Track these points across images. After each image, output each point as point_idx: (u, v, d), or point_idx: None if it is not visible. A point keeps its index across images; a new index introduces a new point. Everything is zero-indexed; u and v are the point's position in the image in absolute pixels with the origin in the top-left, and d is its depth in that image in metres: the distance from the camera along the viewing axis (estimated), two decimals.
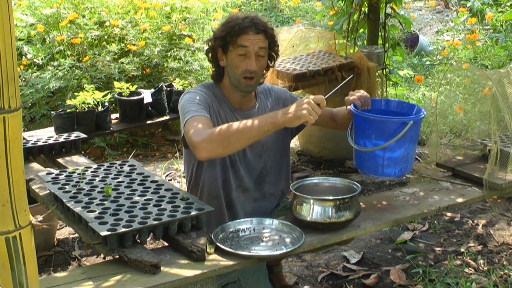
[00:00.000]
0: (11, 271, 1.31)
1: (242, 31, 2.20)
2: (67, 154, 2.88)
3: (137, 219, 1.85)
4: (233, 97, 2.34)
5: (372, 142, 2.11)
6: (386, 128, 2.08)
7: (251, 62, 2.22)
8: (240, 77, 2.25)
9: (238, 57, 2.23)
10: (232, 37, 2.21)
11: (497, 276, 2.81)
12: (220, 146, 2.00)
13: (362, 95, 2.27)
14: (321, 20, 6.38)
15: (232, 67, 2.25)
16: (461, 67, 2.99)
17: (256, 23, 2.22)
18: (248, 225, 2.04)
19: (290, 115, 1.98)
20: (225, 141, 1.99)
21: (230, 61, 2.25)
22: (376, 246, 3.21)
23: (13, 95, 1.24)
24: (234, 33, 2.20)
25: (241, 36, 2.20)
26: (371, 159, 2.12)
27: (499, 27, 5.81)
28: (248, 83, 2.26)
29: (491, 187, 2.38)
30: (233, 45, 2.22)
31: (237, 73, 2.25)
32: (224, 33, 2.24)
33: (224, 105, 2.32)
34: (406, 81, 6.06)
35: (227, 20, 2.29)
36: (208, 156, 2.04)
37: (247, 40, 2.21)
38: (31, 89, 4.29)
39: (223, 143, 1.99)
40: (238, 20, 2.23)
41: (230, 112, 2.32)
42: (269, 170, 2.44)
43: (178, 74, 4.76)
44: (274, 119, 2.01)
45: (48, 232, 3.10)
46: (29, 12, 4.86)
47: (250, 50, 2.22)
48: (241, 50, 2.21)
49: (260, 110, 2.40)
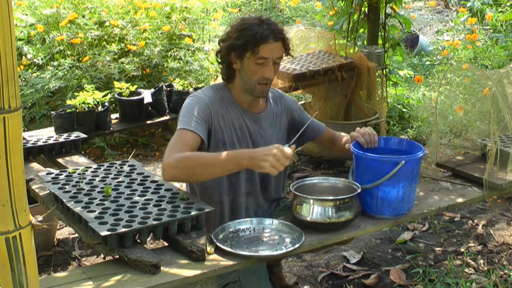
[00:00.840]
0: (11, 271, 1.31)
1: (262, 39, 2.18)
2: (67, 154, 2.88)
3: (137, 219, 1.85)
4: (243, 99, 2.33)
5: (369, 181, 2.10)
6: (380, 168, 2.06)
7: (270, 71, 2.23)
8: (256, 83, 2.25)
9: (256, 65, 2.22)
10: (253, 47, 2.18)
11: (497, 276, 2.81)
12: (183, 175, 2.04)
13: (366, 132, 2.23)
14: (321, 20, 6.39)
15: (247, 73, 2.24)
16: (461, 67, 2.99)
17: (274, 30, 2.21)
18: (248, 225, 2.04)
19: (254, 162, 1.95)
20: (189, 172, 2.01)
21: (247, 67, 2.24)
22: (376, 246, 3.21)
23: (13, 95, 1.24)
24: (255, 42, 2.18)
25: (261, 45, 2.18)
26: (367, 197, 2.12)
27: (499, 27, 5.81)
28: (264, 88, 2.27)
29: (491, 187, 2.38)
30: (253, 53, 2.20)
31: (253, 79, 2.24)
32: (242, 41, 2.20)
33: (232, 108, 2.31)
34: (406, 81, 6.06)
35: (242, 25, 2.24)
36: (171, 180, 2.09)
37: (268, 50, 2.20)
38: (31, 89, 4.29)
39: (187, 173, 2.02)
40: (255, 27, 2.19)
41: (238, 114, 2.31)
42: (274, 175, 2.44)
43: (178, 74, 4.76)
44: (239, 161, 1.98)
45: (48, 232, 3.10)
46: (29, 12, 4.86)
47: (269, 59, 2.22)
48: (260, 60, 2.21)
49: (269, 114, 2.39)
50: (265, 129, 2.38)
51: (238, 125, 2.31)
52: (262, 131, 2.37)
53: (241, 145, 2.32)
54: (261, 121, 2.37)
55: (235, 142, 2.30)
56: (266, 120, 2.39)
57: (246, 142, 2.33)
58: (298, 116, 2.48)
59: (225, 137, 2.27)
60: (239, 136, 2.31)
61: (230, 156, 1.99)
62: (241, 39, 2.21)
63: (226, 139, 2.28)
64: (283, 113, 2.45)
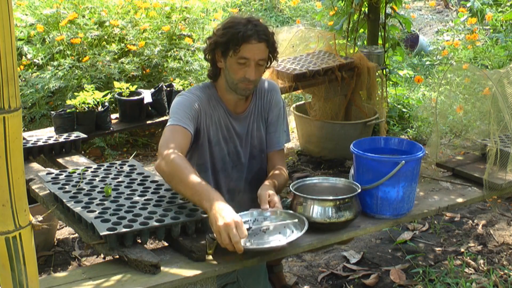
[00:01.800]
0: (11, 271, 1.31)
1: (244, 39, 2.15)
2: (67, 154, 2.88)
3: (140, 219, 1.85)
4: (228, 98, 2.32)
5: (369, 181, 2.10)
6: (380, 168, 2.06)
7: (251, 72, 2.20)
8: (238, 82, 2.23)
9: (238, 65, 2.20)
10: (234, 45, 2.17)
11: (497, 276, 2.81)
12: (165, 177, 2.03)
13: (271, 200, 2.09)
14: (321, 20, 6.39)
15: (230, 72, 2.23)
16: (461, 67, 2.99)
17: (259, 31, 2.18)
18: (248, 218, 2.00)
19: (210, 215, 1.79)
20: (169, 178, 2.01)
21: (229, 66, 2.23)
22: (376, 246, 3.21)
23: (13, 95, 1.23)
24: (236, 41, 2.16)
25: (243, 45, 2.16)
26: (367, 197, 2.12)
27: (499, 27, 5.81)
28: (247, 86, 2.24)
29: (491, 187, 2.38)
30: (235, 52, 2.18)
31: (235, 79, 2.23)
32: (225, 38, 2.19)
33: (219, 108, 2.31)
34: (406, 81, 6.06)
35: (228, 22, 2.23)
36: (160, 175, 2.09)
37: (249, 51, 2.17)
38: (31, 89, 4.29)
39: (168, 177, 2.01)
40: (240, 26, 2.17)
41: (224, 115, 2.32)
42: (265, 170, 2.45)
43: (178, 74, 4.76)
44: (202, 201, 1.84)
45: (48, 232, 3.10)
46: (29, 12, 4.86)
47: (251, 60, 2.19)
48: (241, 60, 2.19)
49: (253, 110, 2.39)
50: (250, 126, 2.38)
51: (225, 124, 2.32)
52: (248, 129, 2.38)
53: (227, 144, 2.34)
54: (246, 119, 2.37)
55: (220, 141, 2.32)
56: (251, 116, 2.38)
57: (232, 141, 2.35)
58: (270, 118, 2.42)
59: (211, 136, 2.29)
60: (225, 135, 2.33)
61: (200, 191, 1.87)
62: (224, 37, 2.20)
63: (212, 137, 2.29)
64: (265, 108, 2.41)
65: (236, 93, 2.28)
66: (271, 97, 2.42)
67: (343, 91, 4.29)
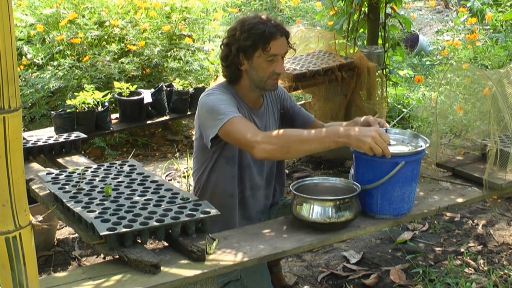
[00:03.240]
0: (11, 271, 1.31)
1: (272, 36, 2.21)
2: (67, 154, 2.88)
3: (140, 219, 1.85)
4: (249, 97, 2.36)
5: (369, 181, 2.10)
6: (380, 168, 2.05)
7: (280, 66, 2.27)
8: (267, 79, 2.28)
9: (267, 62, 2.25)
10: (264, 44, 2.21)
11: (497, 276, 2.81)
12: (279, 151, 2.04)
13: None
14: (321, 20, 6.38)
15: (258, 71, 2.26)
16: (461, 67, 2.99)
17: (278, 26, 2.25)
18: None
19: (351, 140, 1.97)
20: (285, 147, 2.02)
21: (257, 66, 2.26)
22: (376, 246, 3.21)
23: (13, 95, 1.24)
24: (265, 40, 2.21)
25: (271, 42, 2.22)
26: (367, 197, 2.11)
27: (499, 27, 5.81)
28: (275, 82, 2.32)
29: (491, 187, 2.38)
30: (265, 51, 2.22)
31: (265, 76, 2.27)
32: (251, 41, 2.22)
33: (242, 105, 2.35)
34: (406, 81, 6.06)
35: (246, 25, 2.25)
36: (265, 157, 2.08)
37: (276, 47, 2.23)
38: (31, 89, 4.29)
39: (282, 149, 2.03)
40: (261, 25, 2.22)
41: (247, 112, 2.35)
42: (278, 167, 2.52)
43: (178, 74, 4.76)
44: (336, 138, 1.99)
45: (48, 232, 3.10)
46: (29, 12, 4.86)
47: (279, 55, 2.26)
48: (270, 57, 2.24)
49: (267, 107, 2.45)
50: (268, 122, 2.44)
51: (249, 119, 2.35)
52: (266, 124, 2.43)
53: None
54: (264, 115, 2.43)
55: None
56: (267, 113, 2.45)
57: None
58: (289, 104, 2.55)
59: None
60: None
61: (326, 133, 2.01)
62: (250, 39, 2.22)
63: None
64: (275, 102, 2.51)
65: (265, 89, 2.34)
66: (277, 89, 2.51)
67: (343, 91, 4.29)
